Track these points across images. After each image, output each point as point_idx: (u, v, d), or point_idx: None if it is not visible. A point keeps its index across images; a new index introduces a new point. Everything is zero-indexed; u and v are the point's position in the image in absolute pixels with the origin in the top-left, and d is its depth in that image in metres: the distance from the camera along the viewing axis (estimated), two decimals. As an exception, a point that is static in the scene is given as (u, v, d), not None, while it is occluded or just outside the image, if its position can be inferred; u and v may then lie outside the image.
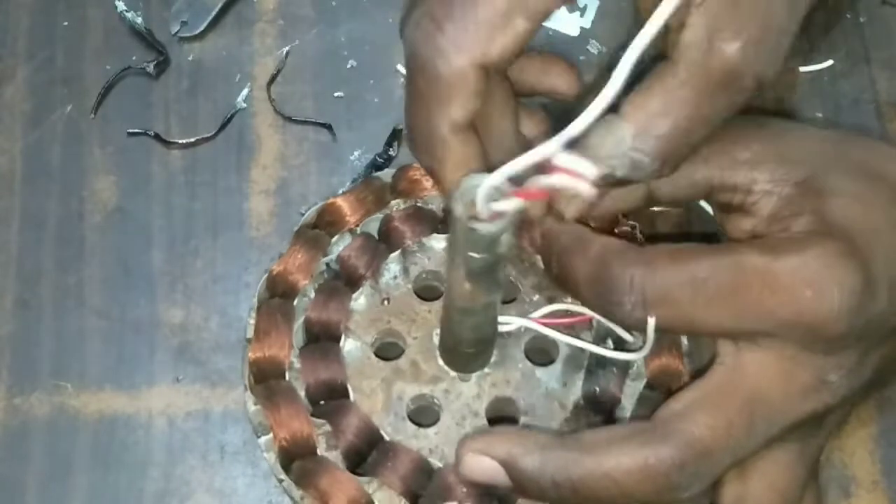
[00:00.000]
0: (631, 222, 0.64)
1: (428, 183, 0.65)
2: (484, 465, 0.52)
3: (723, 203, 0.53)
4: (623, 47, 0.70)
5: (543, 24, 0.71)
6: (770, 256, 0.46)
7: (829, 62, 0.72)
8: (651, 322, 0.49)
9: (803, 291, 0.46)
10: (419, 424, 0.59)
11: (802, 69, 0.72)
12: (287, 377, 0.60)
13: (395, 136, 0.68)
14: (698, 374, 0.52)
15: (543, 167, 0.41)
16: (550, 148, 0.40)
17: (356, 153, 0.68)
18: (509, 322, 0.59)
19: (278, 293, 0.62)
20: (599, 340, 0.60)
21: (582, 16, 0.71)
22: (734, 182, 0.51)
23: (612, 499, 0.49)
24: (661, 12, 0.41)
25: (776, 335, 0.47)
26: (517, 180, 0.42)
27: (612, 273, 0.48)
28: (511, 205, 0.42)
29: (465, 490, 0.56)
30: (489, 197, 0.42)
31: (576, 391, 0.60)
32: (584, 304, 0.54)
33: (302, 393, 0.59)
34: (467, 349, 0.57)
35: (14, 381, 0.62)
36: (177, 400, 0.62)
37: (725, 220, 0.54)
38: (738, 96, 0.48)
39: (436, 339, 0.60)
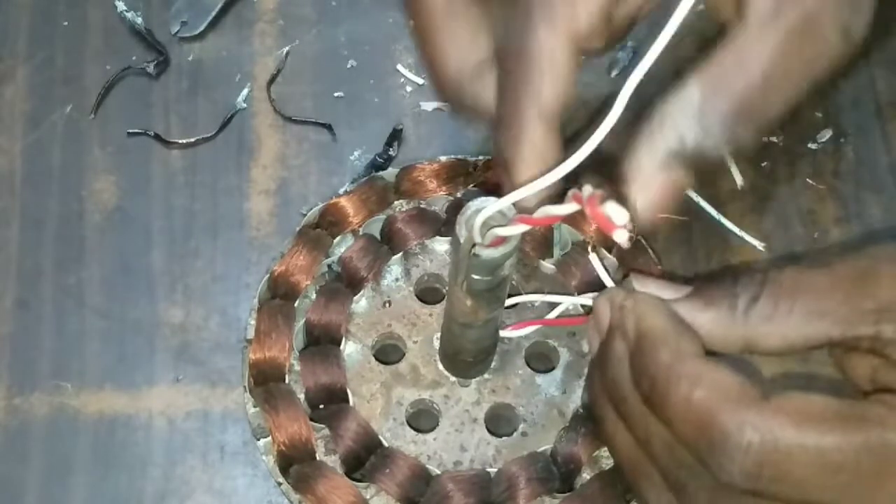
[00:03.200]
0: (635, 236, 0.64)
1: (432, 184, 0.65)
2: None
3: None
4: (623, 47, 0.71)
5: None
6: None
7: (830, 62, 0.72)
8: None
9: None
10: (418, 430, 0.59)
11: (802, 69, 0.72)
12: (287, 380, 0.60)
13: (395, 136, 0.68)
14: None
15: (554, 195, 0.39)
16: (556, 175, 0.39)
17: (356, 153, 0.68)
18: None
19: (279, 294, 0.62)
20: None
21: (582, 16, 0.71)
22: (856, 335, 0.42)
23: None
24: (672, 24, 0.40)
25: None
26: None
27: (723, 429, 0.39)
28: (514, 230, 0.42)
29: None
30: (493, 222, 0.42)
31: (575, 399, 0.60)
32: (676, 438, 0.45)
33: (301, 396, 0.60)
34: (467, 358, 0.57)
35: (14, 381, 0.62)
36: (177, 400, 0.62)
37: (843, 357, 0.45)
38: (822, 51, 0.42)
39: (436, 343, 0.60)
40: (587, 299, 0.51)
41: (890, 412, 0.39)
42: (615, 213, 0.39)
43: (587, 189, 0.40)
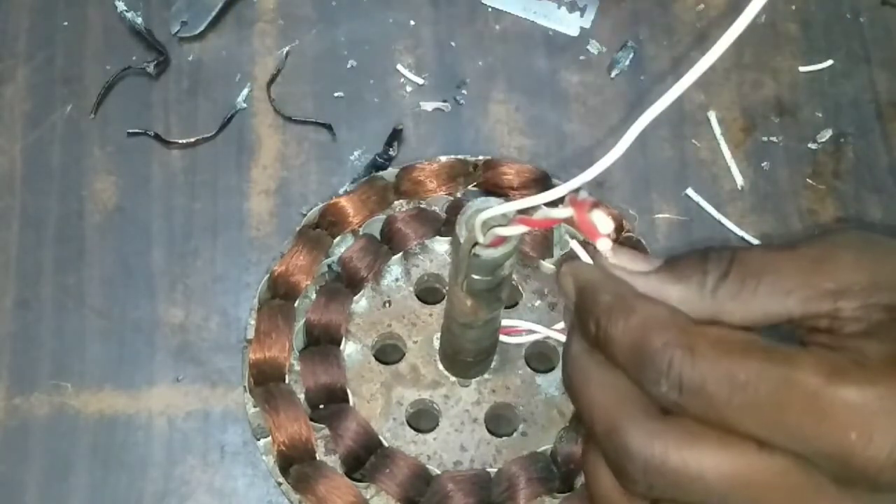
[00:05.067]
0: (635, 236, 0.64)
1: (432, 184, 0.65)
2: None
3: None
4: (623, 47, 0.71)
5: (544, 24, 0.71)
6: (827, 380, 0.41)
7: (829, 62, 0.72)
8: None
9: (848, 431, 0.40)
10: (418, 430, 0.59)
11: (802, 69, 0.72)
12: (287, 380, 0.60)
13: (395, 136, 0.68)
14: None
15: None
16: (557, 192, 0.39)
17: (356, 153, 0.68)
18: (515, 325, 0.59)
19: (280, 294, 0.62)
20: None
21: (582, 16, 0.71)
22: (816, 312, 0.44)
23: None
24: (682, 84, 0.40)
25: (807, 459, 0.42)
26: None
27: (651, 349, 0.43)
28: (514, 231, 0.42)
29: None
30: (493, 222, 0.42)
31: (575, 399, 0.60)
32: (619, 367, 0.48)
33: (301, 396, 0.60)
34: (467, 358, 0.57)
35: (14, 381, 0.62)
36: (177, 400, 0.62)
37: (805, 338, 0.47)
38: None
39: (436, 343, 0.60)
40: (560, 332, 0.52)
41: (807, 354, 0.42)
42: (601, 221, 0.40)
43: (582, 194, 0.40)
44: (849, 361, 0.42)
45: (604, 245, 0.40)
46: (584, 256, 0.45)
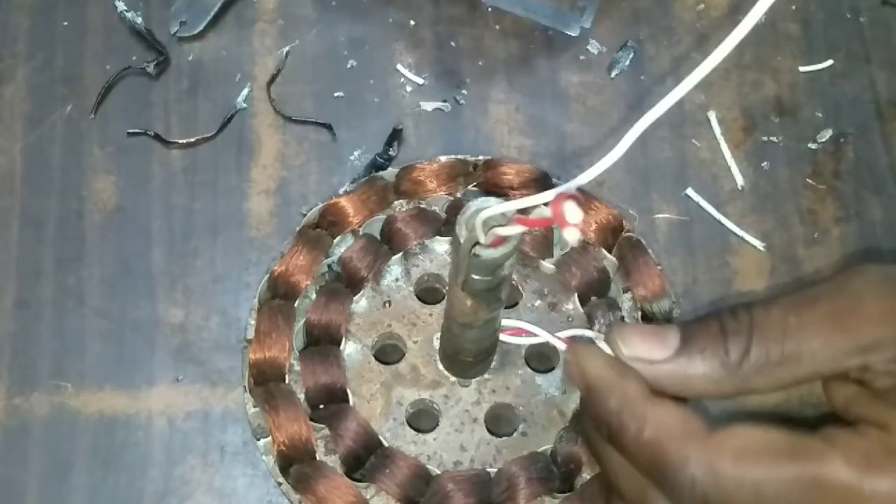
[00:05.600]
0: (635, 236, 0.64)
1: (432, 184, 0.65)
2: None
3: None
4: (623, 47, 0.71)
5: (544, 24, 0.71)
6: (859, 473, 0.40)
7: (829, 62, 0.72)
8: None
9: None
10: (418, 430, 0.59)
11: (802, 69, 0.72)
12: (287, 380, 0.60)
13: (395, 136, 0.68)
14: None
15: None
16: (556, 192, 0.39)
17: (356, 153, 0.68)
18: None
19: (279, 294, 0.62)
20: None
21: (582, 16, 0.71)
22: (845, 368, 0.43)
23: None
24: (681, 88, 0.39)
25: None
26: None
27: (671, 466, 0.42)
28: (514, 230, 0.42)
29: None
30: (493, 222, 0.42)
31: (575, 399, 0.60)
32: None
33: (301, 396, 0.60)
34: (467, 358, 0.57)
35: (14, 381, 0.62)
36: (177, 400, 0.62)
37: (827, 383, 0.47)
38: None
39: (436, 343, 0.60)
40: (560, 341, 0.51)
41: (829, 448, 0.41)
42: (570, 211, 0.40)
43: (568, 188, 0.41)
44: (878, 448, 0.40)
45: (571, 235, 0.40)
46: (605, 348, 0.45)
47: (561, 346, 0.50)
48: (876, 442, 0.41)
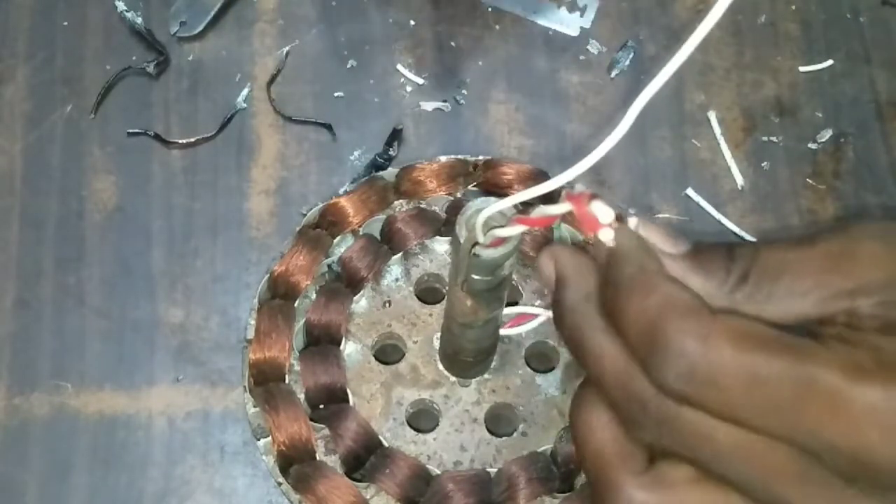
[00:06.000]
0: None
1: (432, 184, 0.65)
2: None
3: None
4: (623, 47, 0.71)
5: (544, 24, 0.71)
6: (849, 378, 0.40)
7: (829, 62, 0.72)
8: None
9: (870, 430, 0.40)
10: (418, 430, 0.59)
11: (802, 69, 0.72)
12: (287, 380, 0.60)
13: (395, 136, 0.68)
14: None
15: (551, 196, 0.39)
16: (556, 183, 0.39)
17: (356, 153, 0.68)
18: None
19: (279, 294, 0.62)
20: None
21: (582, 16, 0.71)
22: (832, 311, 0.44)
23: None
24: (678, 59, 0.39)
25: (821, 458, 0.41)
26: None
27: (665, 335, 0.42)
28: (513, 231, 0.42)
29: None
30: (493, 222, 0.42)
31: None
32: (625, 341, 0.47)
33: (301, 396, 0.60)
34: (467, 358, 0.57)
35: (14, 381, 0.62)
36: (177, 400, 0.62)
37: (815, 324, 0.46)
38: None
39: (436, 343, 0.60)
40: None
41: (826, 351, 0.41)
42: (601, 211, 0.39)
43: (578, 187, 0.40)
44: (872, 360, 0.41)
45: (606, 235, 0.40)
46: (633, 224, 0.44)
47: None
48: (869, 355, 0.41)
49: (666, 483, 0.44)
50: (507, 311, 0.54)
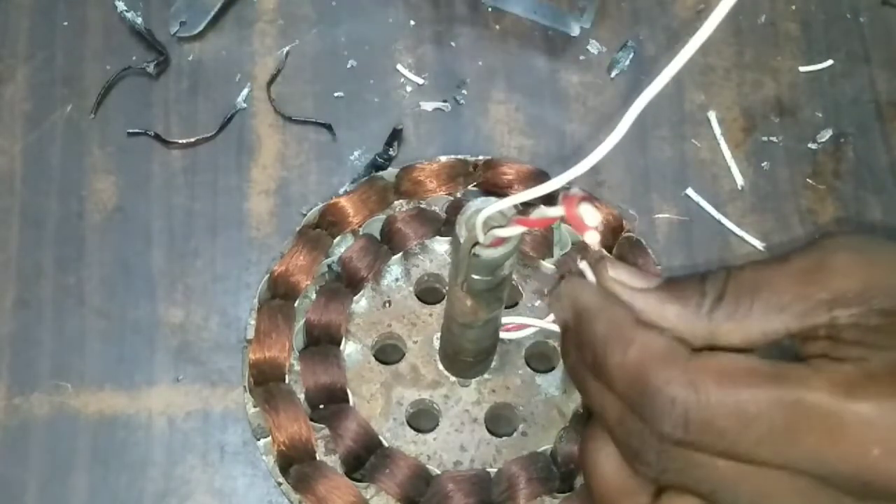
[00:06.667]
0: (635, 236, 0.64)
1: (432, 184, 0.65)
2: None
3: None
4: (623, 47, 0.71)
5: (544, 24, 0.71)
6: (840, 398, 0.40)
7: (829, 62, 0.72)
8: None
9: (870, 448, 0.39)
10: (418, 430, 0.59)
11: (802, 69, 0.72)
12: (287, 380, 0.60)
13: (395, 136, 0.68)
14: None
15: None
16: (556, 183, 0.39)
17: (356, 153, 0.68)
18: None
19: (279, 294, 0.62)
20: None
21: (582, 16, 0.71)
22: (812, 325, 0.43)
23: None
24: (676, 62, 0.39)
25: (826, 482, 0.41)
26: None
27: (652, 387, 0.42)
28: (513, 231, 0.42)
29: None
30: (493, 222, 0.42)
31: (575, 398, 0.60)
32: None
33: (301, 396, 0.60)
34: (467, 358, 0.57)
35: (14, 381, 0.62)
36: (177, 400, 0.62)
37: (801, 345, 0.46)
38: None
39: (436, 343, 0.60)
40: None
41: (813, 373, 0.41)
42: (588, 214, 0.39)
43: (573, 190, 0.40)
44: (860, 375, 0.41)
45: (591, 238, 0.40)
46: (590, 275, 0.45)
47: (556, 328, 0.50)
48: (856, 369, 0.41)
49: None
50: (506, 319, 0.55)
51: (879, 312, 0.42)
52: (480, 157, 0.66)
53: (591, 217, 0.39)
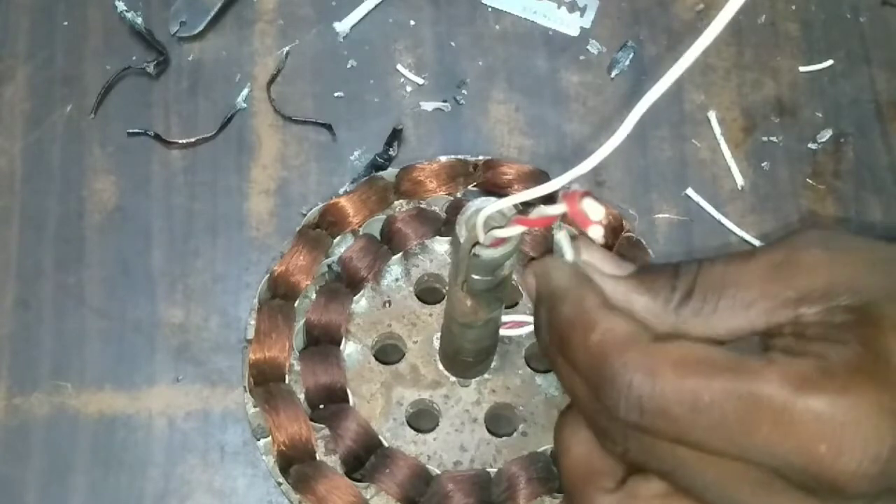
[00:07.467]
0: (635, 236, 0.64)
1: (432, 184, 0.65)
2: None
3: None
4: (623, 47, 0.71)
5: (544, 24, 0.71)
6: (793, 392, 0.40)
7: (829, 62, 0.72)
8: None
9: (818, 444, 0.39)
10: (418, 430, 0.59)
11: (802, 69, 0.72)
12: (287, 380, 0.60)
13: (395, 136, 0.68)
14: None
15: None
16: (556, 183, 0.39)
17: (356, 153, 0.68)
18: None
19: (279, 294, 0.62)
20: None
21: (582, 16, 0.71)
22: (778, 322, 0.44)
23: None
24: (677, 68, 0.39)
25: (779, 473, 0.41)
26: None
27: (610, 370, 0.42)
28: (513, 231, 0.42)
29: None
30: (493, 222, 0.42)
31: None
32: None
33: (301, 396, 0.60)
34: (467, 358, 0.57)
35: (14, 381, 0.62)
36: (177, 400, 0.62)
37: (768, 342, 0.46)
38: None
39: (436, 343, 0.60)
40: None
41: (767, 366, 0.41)
42: (591, 208, 0.39)
43: (573, 187, 0.40)
44: (814, 370, 0.41)
45: (595, 232, 0.40)
46: (568, 249, 0.44)
47: None
48: (813, 365, 0.41)
49: (636, 499, 0.44)
50: (505, 317, 0.55)
51: (844, 309, 0.42)
52: (480, 157, 0.66)
53: (595, 211, 0.39)
